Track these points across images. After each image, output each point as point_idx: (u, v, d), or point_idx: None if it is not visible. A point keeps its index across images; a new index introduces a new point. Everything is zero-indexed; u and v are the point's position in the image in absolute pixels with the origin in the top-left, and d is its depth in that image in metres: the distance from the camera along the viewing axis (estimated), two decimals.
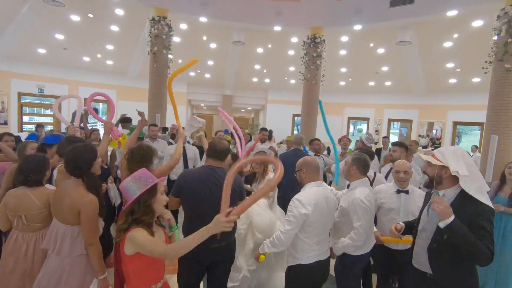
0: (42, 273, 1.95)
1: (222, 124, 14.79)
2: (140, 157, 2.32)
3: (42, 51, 9.66)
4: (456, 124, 11.49)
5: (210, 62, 11.46)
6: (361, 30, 8.15)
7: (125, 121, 5.43)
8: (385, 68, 10.57)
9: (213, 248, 2.06)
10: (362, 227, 2.17)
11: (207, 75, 12.89)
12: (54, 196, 2.04)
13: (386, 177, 3.66)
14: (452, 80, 10.34)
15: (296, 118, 14.58)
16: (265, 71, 12.27)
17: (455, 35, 7.75)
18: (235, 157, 3.36)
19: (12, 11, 7.40)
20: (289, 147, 4.45)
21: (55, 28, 8.53)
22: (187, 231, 2.16)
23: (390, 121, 13.13)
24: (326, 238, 2.23)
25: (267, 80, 13.34)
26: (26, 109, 11.26)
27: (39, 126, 7.63)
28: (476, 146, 10.44)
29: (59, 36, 8.92)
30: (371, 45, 9.13)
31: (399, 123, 13.77)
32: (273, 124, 12.93)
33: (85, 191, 1.95)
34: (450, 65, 9.30)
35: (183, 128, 3.14)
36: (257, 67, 11.82)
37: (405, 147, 3.71)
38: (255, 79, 13.21)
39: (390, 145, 4.17)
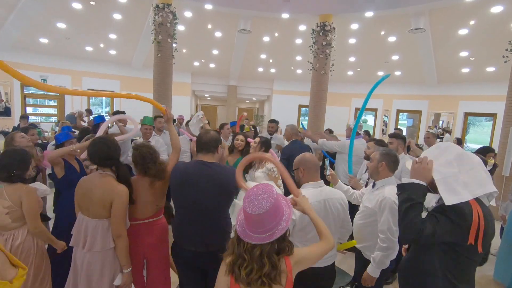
0: (75, 268, 1.99)
1: (226, 115, 14.61)
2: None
3: (44, 40, 9.46)
4: (467, 115, 11.19)
5: (215, 52, 11.19)
6: (372, 17, 7.84)
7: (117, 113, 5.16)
8: (395, 57, 10.24)
9: (202, 253, 1.92)
10: (392, 231, 1.97)
11: (212, 65, 12.64)
12: (79, 191, 2.01)
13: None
14: (465, 70, 9.99)
15: (302, 109, 14.35)
16: (271, 60, 11.98)
17: (472, 22, 7.41)
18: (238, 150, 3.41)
19: (13, 0, 7.19)
20: (289, 139, 4.47)
21: (57, 16, 8.32)
22: (176, 230, 2.02)
23: (399, 112, 12.83)
24: None
25: (273, 70, 13.05)
26: (30, 100, 11.16)
27: (23, 117, 7.26)
28: (458, 139, 9.83)
29: (61, 25, 8.71)
30: (382, 33, 8.80)
31: (407, 114, 13.51)
32: (278, 115, 12.72)
33: (116, 182, 1.97)
34: (464, 53, 8.96)
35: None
36: (263, 56, 11.54)
37: (403, 138, 3.54)
38: (260, 69, 12.94)
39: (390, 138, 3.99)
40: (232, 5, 7.97)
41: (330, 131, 6.25)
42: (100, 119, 3.59)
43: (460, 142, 8.64)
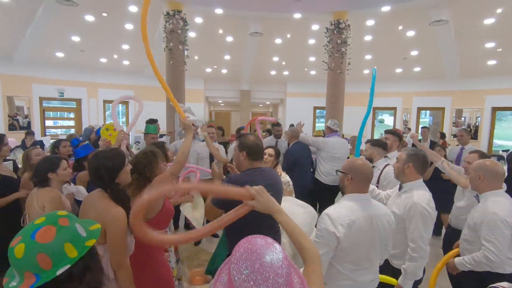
0: None
1: (240, 121, 14.47)
2: (133, 166, 1.98)
3: (60, 54, 9.66)
4: (495, 110, 10.54)
5: (227, 57, 11.10)
6: (389, 11, 7.48)
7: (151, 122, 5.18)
8: (414, 53, 9.78)
9: None
10: (423, 240, 1.81)
11: (224, 71, 12.56)
12: (81, 209, 1.80)
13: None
14: (491, 62, 9.42)
15: (317, 111, 14.01)
16: (283, 63, 11.76)
17: (499, 10, 6.92)
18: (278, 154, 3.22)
19: (28, 15, 7.34)
20: (290, 141, 4.46)
21: (71, 30, 8.45)
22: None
23: (420, 109, 12.27)
24: (369, 268, 1.66)
25: (286, 73, 12.83)
26: (50, 114, 11.43)
27: (29, 133, 7.31)
28: (442, 134, 9.11)
29: (75, 38, 8.84)
30: (400, 27, 8.40)
31: (428, 111, 12.90)
32: (293, 118, 12.44)
33: (112, 203, 1.67)
34: (490, 44, 8.42)
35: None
36: (276, 59, 11.34)
37: (399, 136, 3.41)
38: (273, 72, 12.74)
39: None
40: (243, 8, 7.83)
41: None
42: (84, 152, 3.15)
43: (443, 136, 8.21)
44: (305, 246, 1.05)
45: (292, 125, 5.28)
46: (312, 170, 4.53)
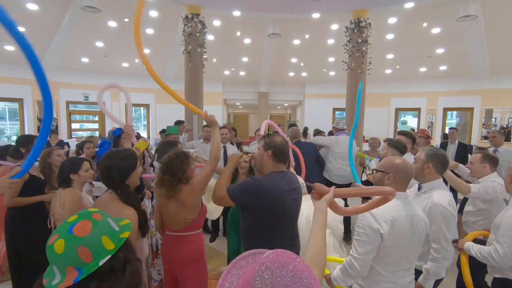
0: None
1: (258, 123, 14.44)
2: (164, 166, 1.99)
3: (85, 60, 10.04)
4: None
5: (245, 59, 11.11)
6: (412, 8, 7.18)
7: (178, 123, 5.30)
8: (440, 51, 9.34)
9: None
10: (447, 240, 1.81)
11: (242, 73, 12.58)
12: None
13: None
14: None
15: (336, 112, 13.72)
16: (302, 64, 11.62)
17: None
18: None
19: (55, 22, 7.68)
20: (292, 140, 4.49)
21: (95, 36, 8.77)
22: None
23: (446, 110, 11.70)
24: (408, 269, 1.64)
25: (304, 74, 12.66)
26: (77, 117, 11.91)
27: (53, 132, 7.38)
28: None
29: (99, 44, 9.16)
30: (425, 24, 8.05)
31: (455, 112, 12.28)
32: (312, 119, 12.26)
33: (123, 205, 1.67)
34: None
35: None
36: (294, 60, 11.22)
37: (412, 138, 3.25)
38: (291, 74, 12.62)
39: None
40: (261, 10, 7.79)
41: (319, 131, 6.10)
42: (119, 131, 3.52)
43: (446, 137, 7.67)
44: (321, 248, 1.07)
45: (292, 125, 5.35)
46: (319, 169, 4.55)
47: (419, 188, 2.07)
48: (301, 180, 3.02)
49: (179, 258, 1.99)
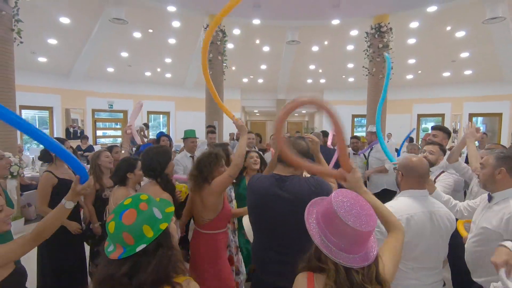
0: None
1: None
2: (196, 164, 2.19)
3: (110, 69, 10.49)
4: None
5: (263, 67, 11.23)
6: (435, 11, 7.05)
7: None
8: (464, 55, 9.07)
9: None
10: None
11: (260, 80, 12.70)
12: None
13: None
14: None
15: (355, 119, 13.52)
16: (320, 70, 11.60)
17: None
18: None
19: (85, 34, 8.11)
20: None
21: (120, 46, 9.17)
22: (255, 255, 1.76)
23: (472, 116, 11.24)
24: (432, 268, 1.59)
25: (322, 81, 12.62)
26: (100, 124, 12.39)
27: (84, 138, 7.97)
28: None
29: (124, 54, 9.56)
30: (448, 28, 7.87)
31: (482, 118, 11.79)
32: (330, 126, 12.09)
33: (161, 190, 1.99)
34: None
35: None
36: (312, 67, 11.23)
37: (448, 133, 3.12)
38: (309, 80, 12.61)
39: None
40: (280, 18, 7.91)
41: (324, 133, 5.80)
42: (160, 134, 3.86)
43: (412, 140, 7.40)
44: (390, 220, 1.22)
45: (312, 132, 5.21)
46: None
47: (490, 199, 1.75)
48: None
49: (197, 253, 2.11)
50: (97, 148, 9.59)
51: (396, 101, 11.27)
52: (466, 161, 3.25)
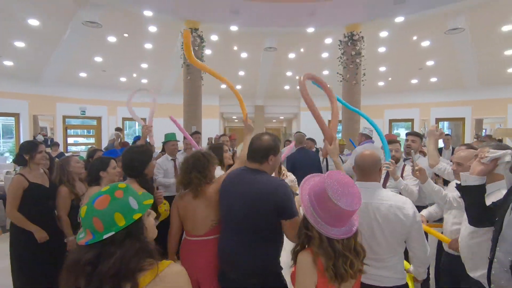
0: None
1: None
2: (191, 165, 2.01)
3: (83, 74, 10.13)
4: None
5: (241, 73, 11.33)
6: (403, 22, 7.51)
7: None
8: (430, 63, 9.69)
9: (243, 282, 1.59)
10: None
11: (239, 87, 12.76)
12: None
13: None
14: None
15: None
16: (297, 77, 11.82)
17: None
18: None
19: (56, 37, 7.80)
20: (296, 147, 4.60)
21: (94, 50, 8.90)
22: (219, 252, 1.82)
23: (438, 120, 11.97)
24: (378, 260, 1.60)
25: (299, 87, 12.91)
26: (71, 131, 11.85)
27: (54, 145, 7.78)
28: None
29: (98, 59, 9.29)
30: (414, 38, 8.39)
31: (448, 122, 12.58)
32: (307, 132, 12.30)
33: (139, 188, 1.93)
34: (509, 52, 8.26)
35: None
36: (289, 73, 11.48)
37: (421, 137, 3.41)
38: (287, 87, 12.86)
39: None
40: (258, 25, 8.06)
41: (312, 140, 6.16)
42: (137, 138, 3.78)
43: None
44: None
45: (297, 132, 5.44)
46: None
47: None
48: (292, 177, 3.13)
49: (200, 264, 1.90)
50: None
51: (369, 107, 11.72)
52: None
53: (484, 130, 11.22)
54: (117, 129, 9.22)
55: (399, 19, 7.35)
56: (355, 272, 1.16)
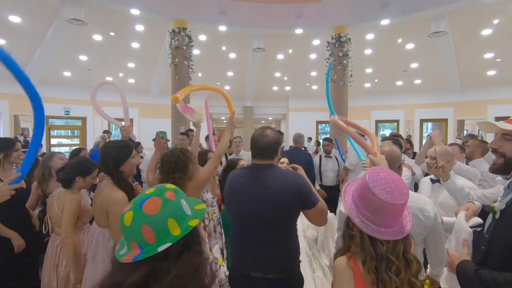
0: (83, 281, 1.89)
1: (244, 136, 14.51)
2: (173, 165, 1.95)
3: (67, 73, 9.87)
4: (498, 120, 10.53)
5: (230, 73, 11.31)
6: (388, 25, 7.68)
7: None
8: (414, 65, 9.95)
9: (258, 280, 1.54)
10: None
11: (227, 87, 12.74)
12: (94, 195, 1.97)
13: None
14: (491, 72, 9.55)
15: (320, 125, 14.08)
16: (285, 78, 11.97)
17: (496, 21, 7.10)
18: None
19: (39, 35, 7.57)
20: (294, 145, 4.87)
21: (79, 49, 8.69)
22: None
23: (422, 121, 12.31)
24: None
25: (288, 88, 13.01)
26: (54, 132, 11.51)
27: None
28: (310, 138, 10.67)
29: (83, 58, 9.07)
30: (399, 40, 8.60)
31: (432, 123, 12.94)
32: (295, 132, 12.47)
33: (116, 188, 1.78)
34: (489, 55, 8.58)
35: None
36: (278, 74, 11.55)
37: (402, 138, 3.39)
38: (275, 88, 12.93)
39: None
40: (246, 25, 8.07)
41: (309, 139, 6.27)
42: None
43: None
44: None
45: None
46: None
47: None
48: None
49: None
50: None
51: (356, 108, 11.96)
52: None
53: (465, 131, 11.59)
54: (105, 131, 9.02)
55: (385, 22, 7.51)
56: (401, 282, 1.01)
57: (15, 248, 2.33)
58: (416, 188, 3.22)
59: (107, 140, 7.69)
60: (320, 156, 4.89)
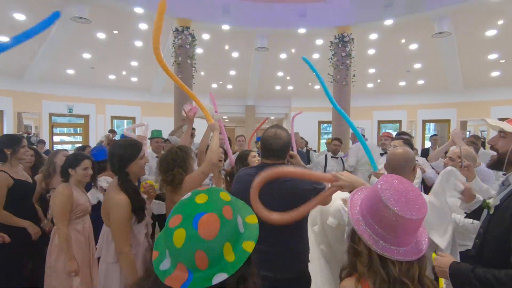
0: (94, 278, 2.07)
1: (245, 136, 14.52)
2: (171, 162, 1.98)
3: (70, 71, 9.91)
4: (502, 121, 10.50)
5: (232, 72, 11.31)
6: (392, 25, 7.66)
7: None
8: (417, 66, 9.92)
9: (270, 279, 1.52)
10: None
11: (229, 86, 12.76)
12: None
13: None
14: (495, 73, 9.52)
15: (322, 125, 14.07)
16: (288, 78, 11.96)
17: (500, 22, 7.07)
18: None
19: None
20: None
21: (82, 47, 8.72)
22: None
23: (425, 122, 12.28)
24: None
25: (290, 88, 13.00)
26: (57, 129, 11.57)
27: (40, 142, 7.74)
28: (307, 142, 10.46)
29: (86, 56, 9.11)
30: (403, 41, 8.58)
31: (434, 124, 12.91)
32: (297, 132, 12.47)
33: (118, 190, 1.72)
34: (492, 56, 8.54)
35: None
36: (280, 74, 11.54)
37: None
38: (278, 87, 12.93)
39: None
40: (249, 24, 8.07)
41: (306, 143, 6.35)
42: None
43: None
44: None
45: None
46: None
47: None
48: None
49: None
50: None
51: (358, 108, 11.93)
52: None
53: (468, 132, 11.55)
54: (110, 131, 9.07)
55: (388, 22, 7.50)
56: None
57: (32, 236, 2.45)
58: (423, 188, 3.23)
59: (112, 139, 7.74)
60: (326, 156, 4.88)
